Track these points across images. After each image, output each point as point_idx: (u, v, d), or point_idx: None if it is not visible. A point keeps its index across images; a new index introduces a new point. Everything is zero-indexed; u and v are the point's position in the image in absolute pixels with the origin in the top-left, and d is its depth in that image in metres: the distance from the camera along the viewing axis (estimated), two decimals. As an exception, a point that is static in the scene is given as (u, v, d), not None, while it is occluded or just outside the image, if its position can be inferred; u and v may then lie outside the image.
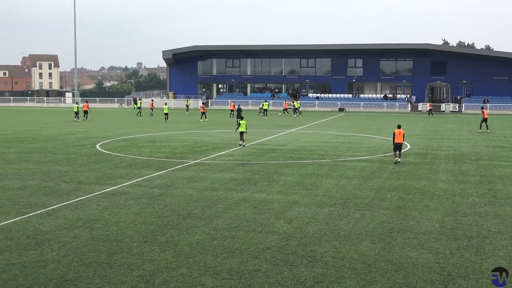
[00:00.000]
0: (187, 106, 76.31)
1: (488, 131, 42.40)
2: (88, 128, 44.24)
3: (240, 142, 31.47)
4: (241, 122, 32.10)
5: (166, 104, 60.35)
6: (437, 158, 27.02)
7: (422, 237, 13.04)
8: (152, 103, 66.81)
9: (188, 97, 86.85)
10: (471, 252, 11.95)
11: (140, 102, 69.47)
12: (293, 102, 71.31)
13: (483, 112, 43.85)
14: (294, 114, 65.71)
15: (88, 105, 58.20)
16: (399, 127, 25.55)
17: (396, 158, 25.18)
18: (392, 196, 17.80)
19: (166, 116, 54.96)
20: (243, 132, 31.40)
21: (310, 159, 26.60)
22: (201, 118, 55.63)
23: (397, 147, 25.11)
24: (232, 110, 62.63)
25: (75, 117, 54.68)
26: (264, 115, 60.79)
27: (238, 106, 56.19)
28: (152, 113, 63.62)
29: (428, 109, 69.19)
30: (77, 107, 56.49)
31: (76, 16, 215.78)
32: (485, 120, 43.03)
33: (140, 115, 62.80)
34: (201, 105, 59.29)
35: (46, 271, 10.56)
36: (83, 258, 11.35)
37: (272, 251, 11.90)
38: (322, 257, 11.52)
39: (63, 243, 12.37)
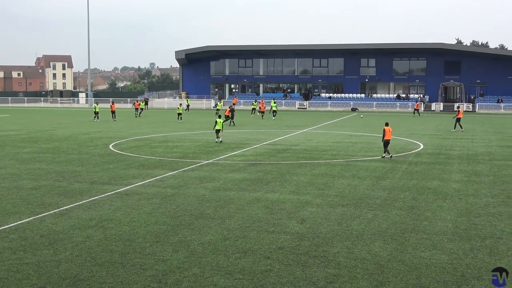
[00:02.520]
0: (187, 106, 75.96)
1: (463, 130, 42.26)
2: (101, 128, 44.47)
3: (216, 140, 33.11)
4: (218, 120, 33.40)
5: (181, 104, 60.51)
6: (451, 158, 26.87)
7: (435, 238, 12.97)
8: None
9: (188, 97, 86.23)
10: (485, 253, 11.87)
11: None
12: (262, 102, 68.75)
13: (458, 111, 43.69)
14: (256, 113, 63.80)
15: (114, 106, 58.53)
16: (387, 124, 26.67)
17: (390, 154, 26.28)
18: (405, 196, 17.73)
19: (179, 116, 55.19)
20: (219, 130, 33.28)
21: (322, 159, 26.55)
22: (230, 124, 47.88)
23: (387, 143, 26.26)
24: (262, 112, 61.99)
25: (94, 118, 54.97)
26: (273, 116, 59.81)
27: (231, 107, 52.06)
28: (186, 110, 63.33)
29: (414, 108, 67.79)
30: (96, 107, 56.85)
31: (90, 16, 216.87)
32: (458, 119, 42.88)
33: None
34: (228, 108, 52.76)
35: (59, 271, 10.62)
36: (96, 258, 11.40)
37: (284, 251, 11.89)
38: (334, 257, 11.50)
39: (76, 243, 12.44)
